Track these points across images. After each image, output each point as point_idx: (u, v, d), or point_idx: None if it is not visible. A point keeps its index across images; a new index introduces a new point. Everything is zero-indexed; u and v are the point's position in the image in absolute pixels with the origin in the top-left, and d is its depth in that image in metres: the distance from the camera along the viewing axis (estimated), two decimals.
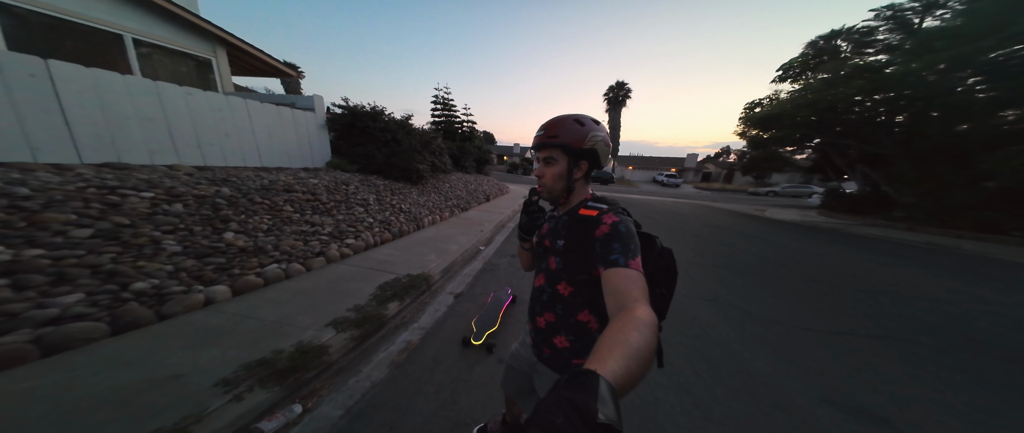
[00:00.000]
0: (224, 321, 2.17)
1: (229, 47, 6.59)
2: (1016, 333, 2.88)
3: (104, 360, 1.74)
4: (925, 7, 10.70)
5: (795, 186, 26.77)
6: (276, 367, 1.76)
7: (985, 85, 8.57)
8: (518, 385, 1.09)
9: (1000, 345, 2.65)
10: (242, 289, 2.58)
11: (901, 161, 10.67)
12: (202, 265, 2.55)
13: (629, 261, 0.65)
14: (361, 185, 5.25)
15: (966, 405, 1.90)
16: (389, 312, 2.47)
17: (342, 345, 2.03)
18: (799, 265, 4.95)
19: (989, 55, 7.96)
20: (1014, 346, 2.63)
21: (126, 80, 3.51)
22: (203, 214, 2.94)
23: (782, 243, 6.76)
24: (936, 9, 10.55)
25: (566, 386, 0.33)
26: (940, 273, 4.89)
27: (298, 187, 4.12)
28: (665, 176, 32.80)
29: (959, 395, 1.98)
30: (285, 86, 21.94)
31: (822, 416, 1.74)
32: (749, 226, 9.07)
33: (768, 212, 13.27)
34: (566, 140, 0.79)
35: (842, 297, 3.61)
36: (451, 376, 1.90)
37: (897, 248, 6.95)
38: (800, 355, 2.33)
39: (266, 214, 3.41)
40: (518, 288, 3.22)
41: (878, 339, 2.65)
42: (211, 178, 3.53)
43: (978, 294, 3.92)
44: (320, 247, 3.44)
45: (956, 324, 3.03)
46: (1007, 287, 4.29)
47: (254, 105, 4.90)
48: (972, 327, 2.98)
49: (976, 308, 3.45)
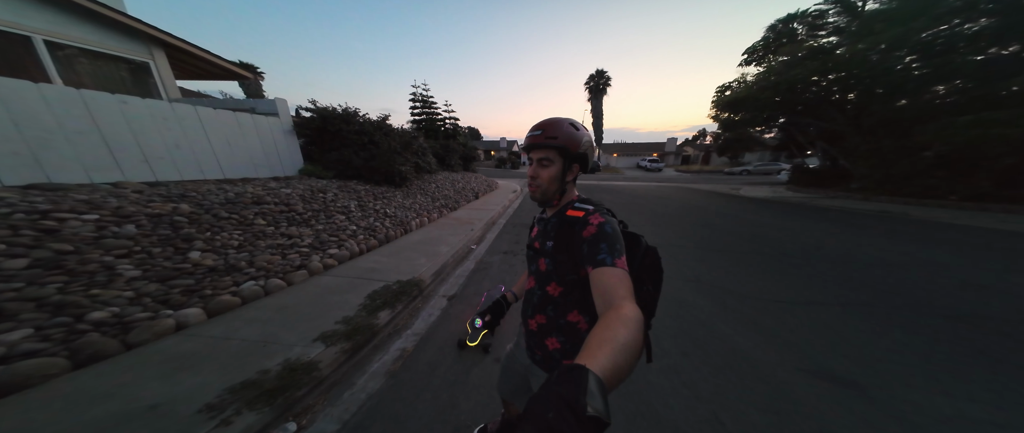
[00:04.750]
0: (201, 345, 2.05)
1: (168, 48, 6.02)
2: (959, 292, 3.20)
3: (68, 396, 1.60)
4: None
5: (765, 164, 28.60)
6: (264, 388, 1.68)
7: (918, 63, 9.35)
8: (514, 386, 1.09)
9: (944, 303, 2.94)
10: (217, 310, 2.44)
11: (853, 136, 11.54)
12: (167, 288, 2.38)
13: (615, 260, 0.67)
14: (340, 192, 5.05)
15: (921, 363, 2.09)
16: (380, 321, 2.41)
17: (333, 359, 1.97)
18: (770, 240, 5.26)
19: (921, 35, 8.66)
20: (957, 304, 2.92)
21: (41, 89, 3.11)
22: (161, 234, 2.73)
23: (755, 220, 7.14)
24: None
25: (556, 382, 0.34)
26: (892, 239, 5.34)
27: (269, 198, 3.90)
28: (648, 161, 33.82)
29: (915, 355, 2.18)
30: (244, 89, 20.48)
31: (800, 385, 1.87)
32: (725, 205, 9.51)
33: (743, 190, 13.92)
34: (565, 142, 0.79)
35: (808, 268, 3.88)
36: (449, 380, 1.88)
37: (853, 217, 7.51)
38: (777, 327, 2.49)
39: (235, 229, 3.21)
40: (512, 286, 3.21)
41: (842, 306, 2.86)
42: (165, 194, 3.27)
43: (924, 258, 4.31)
44: (300, 260, 3.29)
45: (905, 286, 3.33)
46: (947, 249, 4.75)
47: (206, 112, 4.55)
48: (919, 287, 3.29)
49: (923, 271, 3.79)
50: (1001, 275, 3.62)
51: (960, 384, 1.89)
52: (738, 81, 14.11)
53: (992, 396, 1.80)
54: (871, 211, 8.31)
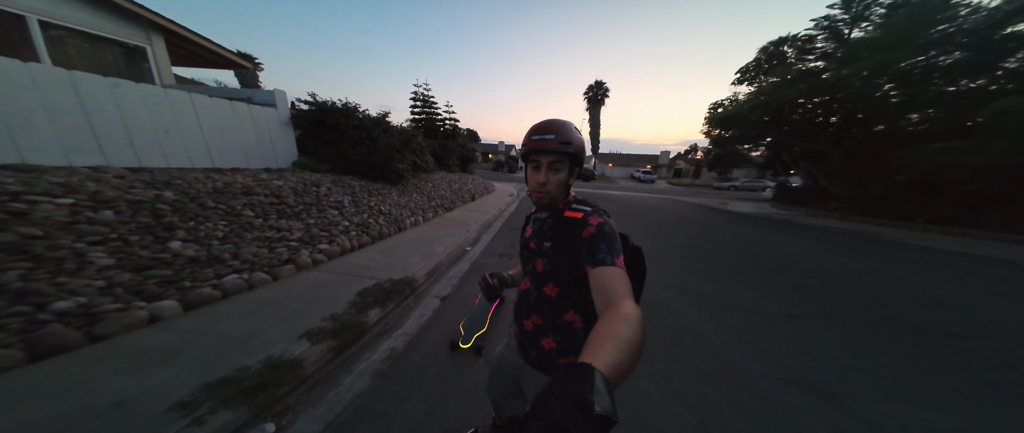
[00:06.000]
0: (175, 339, 1.95)
1: (167, 34, 5.84)
2: (921, 307, 3.39)
3: (23, 390, 1.49)
4: (854, 19, 12.10)
5: (752, 181, 29.82)
6: (242, 386, 1.61)
7: (897, 91, 9.93)
8: (504, 389, 1.08)
9: (910, 318, 3.10)
10: (195, 303, 2.33)
11: (834, 157, 12.04)
12: (143, 279, 2.27)
13: (615, 260, 0.69)
14: (334, 186, 4.93)
15: (889, 374, 2.18)
16: (370, 319, 2.35)
17: (318, 357, 1.91)
18: (755, 254, 5.42)
19: (900, 64, 9.14)
20: (920, 318, 3.10)
21: (29, 68, 2.97)
22: (141, 222, 2.60)
23: (741, 233, 7.38)
24: (862, 21, 11.95)
25: (563, 379, 0.34)
26: (864, 257, 5.59)
27: (260, 189, 3.77)
28: (642, 173, 34.59)
29: (883, 366, 2.27)
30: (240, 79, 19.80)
31: (781, 394, 1.92)
32: (714, 219, 9.80)
33: (730, 205, 14.36)
34: (576, 148, 0.77)
35: (789, 282, 4.00)
36: (439, 381, 1.85)
37: (830, 235, 7.83)
38: (759, 338, 2.56)
39: (221, 220, 3.09)
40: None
41: (819, 319, 2.97)
42: (149, 181, 3.13)
43: (892, 275, 4.55)
44: (289, 254, 3.19)
45: (876, 302, 3.49)
46: (913, 268, 5.00)
47: (201, 99, 4.40)
48: (888, 303, 3.46)
49: (891, 287, 3.99)
50: (960, 293, 3.87)
51: (925, 395, 1.98)
52: (730, 99, 14.58)
53: (954, 407, 1.89)
54: (847, 230, 8.68)
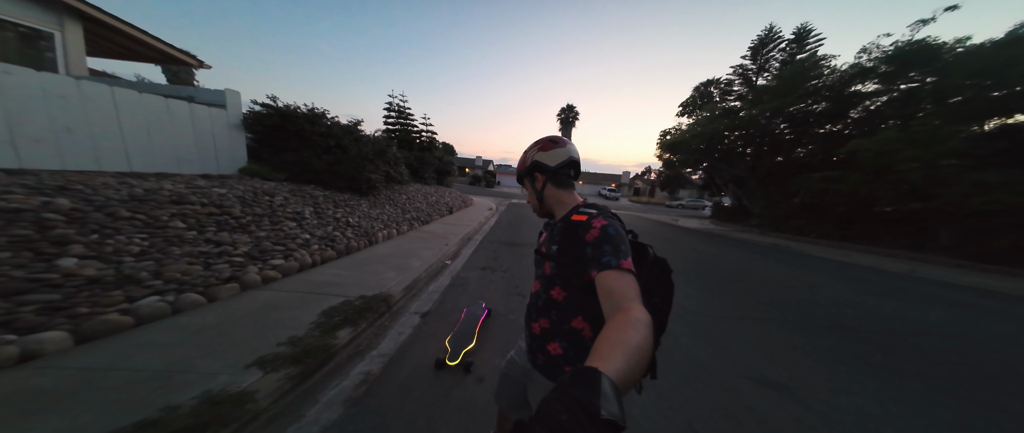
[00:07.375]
0: (66, 380, 1.51)
1: (86, 20, 4.96)
2: (832, 307, 4.00)
3: None
4: (759, 69, 15.61)
5: (693, 200, 34.72)
6: (171, 429, 1.29)
7: (789, 129, 12.72)
8: (512, 395, 1.05)
9: (825, 317, 3.62)
10: (95, 334, 1.85)
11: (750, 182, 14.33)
12: (13, 306, 1.75)
13: (620, 262, 0.66)
14: (292, 196, 4.43)
15: (822, 366, 2.48)
16: (339, 341, 2.06)
17: (274, 387, 1.60)
18: (704, 263, 6.07)
19: (790, 108, 11.84)
20: (832, 316, 3.64)
21: None
22: (16, 235, 2.04)
23: (693, 245, 8.37)
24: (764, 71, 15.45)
25: (570, 383, 0.33)
26: (785, 265, 6.55)
27: (194, 197, 3.22)
28: (608, 191, 38.35)
29: (815, 359, 2.58)
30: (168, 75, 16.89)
31: (748, 391, 2.07)
32: (668, 233, 11.09)
33: (680, 221, 16.29)
34: (520, 169, 1.01)
35: (734, 288, 4.48)
36: (426, 404, 1.66)
37: (756, 247, 9.13)
38: (724, 340, 2.77)
39: (138, 233, 2.55)
40: (492, 302, 3.08)
41: (764, 320, 3.33)
42: (34, 185, 2.50)
43: (805, 280, 5.40)
44: (231, 271, 2.72)
45: (798, 304, 4.04)
46: (815, 274, 5.99)
47: (126, 94, 3.74)
48: (809, 303, 4.05)
49: (806, 291, 4.70)
50: (855, 293, 4.71)
51: (853, 383, 2.27)
52: (676, 128, 17.09)
53: (874, 392, 2.18)
54: (767, 243, 10.18)
